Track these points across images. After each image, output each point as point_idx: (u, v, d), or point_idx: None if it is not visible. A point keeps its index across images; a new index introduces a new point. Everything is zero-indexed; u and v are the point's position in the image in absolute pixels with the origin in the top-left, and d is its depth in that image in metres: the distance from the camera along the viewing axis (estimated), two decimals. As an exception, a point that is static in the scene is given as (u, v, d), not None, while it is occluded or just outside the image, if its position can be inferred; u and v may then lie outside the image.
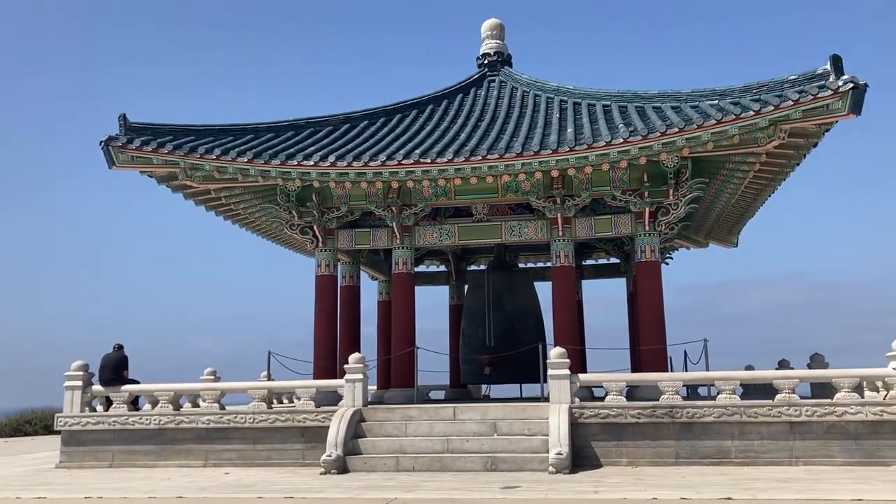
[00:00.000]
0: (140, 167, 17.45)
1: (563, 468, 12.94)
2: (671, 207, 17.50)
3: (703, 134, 15.43)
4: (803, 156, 16.90)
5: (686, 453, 13.87)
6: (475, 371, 21.21)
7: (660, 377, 14.66)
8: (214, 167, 17.16)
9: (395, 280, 19.04)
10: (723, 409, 13.84)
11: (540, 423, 14.19)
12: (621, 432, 14.13)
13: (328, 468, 13.57)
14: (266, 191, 19.24)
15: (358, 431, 14.63)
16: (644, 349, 17.52)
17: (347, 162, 16.80)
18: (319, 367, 18.75)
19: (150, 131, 17.56)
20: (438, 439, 14.15)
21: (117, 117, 17.33)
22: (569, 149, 15.92)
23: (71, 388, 16.04)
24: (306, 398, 15.26)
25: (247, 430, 15.24)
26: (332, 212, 19.01)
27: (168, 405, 15.76)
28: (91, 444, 15.84)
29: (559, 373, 14.58)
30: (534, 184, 17.93)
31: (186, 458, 15.39)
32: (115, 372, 16.22)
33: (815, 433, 13.60)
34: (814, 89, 14.81)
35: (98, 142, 17.09)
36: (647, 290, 17.79)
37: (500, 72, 22.94)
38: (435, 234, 18.99)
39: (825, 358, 18.68)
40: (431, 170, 16.62)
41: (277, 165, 16.98)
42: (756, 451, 13.68)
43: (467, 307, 22.21)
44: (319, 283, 19.22)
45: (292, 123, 19.55)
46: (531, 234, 18.54)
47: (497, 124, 19.13)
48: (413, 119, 20.59)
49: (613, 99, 19.18)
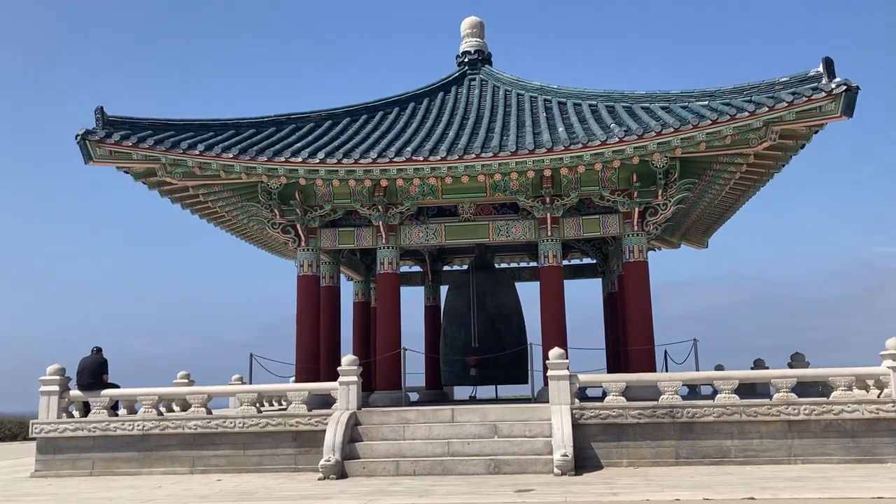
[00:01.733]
0: (118, 162, 16.77)
1: (568, 470, 12.79)
2: (660, 207, 17.52)
3: (698, 134, 15.47)
4: (789, 158, 17.07)
5: (686, 453, 13.85)
6: (458, 372, 20.99)
7: (659, 377, 14.63)
8: (197, 163, 16.59)
9: (381, 280, 18.68)
10: (722, 409, 13.86)
11: (541, 425, 14.02)
12: (622, 433, 14.04)
13: (327, 473, 13.18)
14: (247, 189, 18.68)
15: (354, 435, 14.26)
16: (633, 349, 17.51)
17: (337, 159, 16.41)
18: (301, 370, 18.31)
19: (128, 125, 16.88)
20: (438, 442, 13.87)
21: (94, 110, 16.64)
22: (564, 147, 15.79)
23: (46, 394, 15.29)
24: (298, 401, 14.82)
25: (236, 434, 14.74)
26: (314, 210, 18.59)
27: (152, 410, 15.17)
28: (69, 451, 15.13)
29: (559, 373, 14.42)
30: (522, 183, 17.78)
31: (171, 465, 14.81)
32: (94, 376, 15.52)
33: (812, 432, 13.71)
34: (807, 91, 14.96)
35: (74, 136, 16.39)
36: (635, 290, 17.79)
37: (480, 70, 22.76)
38: (421, 233, 18.70)
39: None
40: (423, 168, 16.33)
41: (264, 162, 16.50)
42: (755, 450, 13.73)
43: (449, 308, 21.97)
44: (301, 283, 18.76)
45: (274, 119, 19.05)
46: (519, 234, 18.39)
47: (483, 123, 18.92)
48: (396, 116, 20.27)
49: (600, 99, 19.14)
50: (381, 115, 20.32)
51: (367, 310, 24.04)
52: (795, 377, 14.11)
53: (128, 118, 17.05)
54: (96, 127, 16.49)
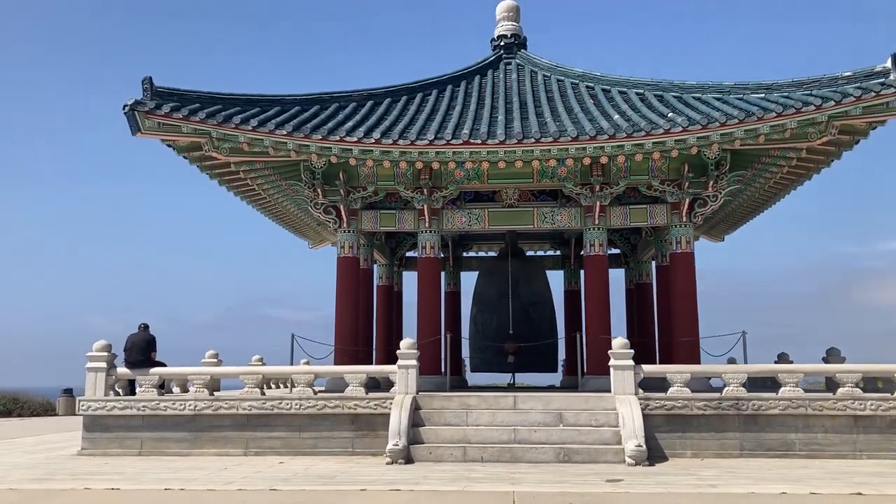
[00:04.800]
0: (165, 135, 16.28)
1: (642, 460, 12.71)
2: (709, 199, 17.48)
3: (762, 126, 15.42)
4: (840, 154, 17.10)
5: (750, 445, 13.83)
6: (489, 359, 20.83)
7: (725, 369, 14.59)
8: (248, 139, 16.18)
9: (422, 265, 18.43)
10: (788, 402, 13.85)
11: (607, 414, 13.91)
12: (687, 424, 13.97)
13: (395, 458, 12.94)
14: (288, 167, 18.29)
15: (416, 420, 14.03)
16: (677, 340, 17.48)
17: (392, 140, 16.11)
18: (340, 352, 18.02)
19: (175, 97, 16.39)
20: (504, 429, 13.70)
21: (141, 80, 16.11)
22: (627, 135, 15.63)
23: (94, 370, 14.82)
24: (356, 384, 14.54)
25: (292, 416, 14.41)
26: (357, 192, 18.27)
27: (203, 390, 14.78)
28: (116, 430, 14.69)
29: (623, 363, 14.32)
30: (571, 170, 17.62)
31: (224, 447, 14.45)
32: (143, 353, 15.09)
33: (878, 427, 13.77)
34: (876, 86, 14.99)
35: (122, 105, 15.85)
36: (681, 281, 17.74)
37: (516, 55, 22.51)
38: (464, 218, 18.46)
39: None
40: (481, 151, 16.07)
41: (318, 140, 16.14)
42: (820, 444, 13.75)
43: (479, 294, 21.79)
44: (341, 265, 18.45)
45: (317, 97, 18.64)
46: (564, 221, 18.24)
47: (529, 107, 18.69)
48: (436, 99, 19.97)
49: (647, 87, 19.02)
50: (421, 97, 20.02)
51: (390, 294, 23.80)
52: (861, 372, 14.12)
53: (175, 90, 16.54)
54: (144, 98, 15.98)
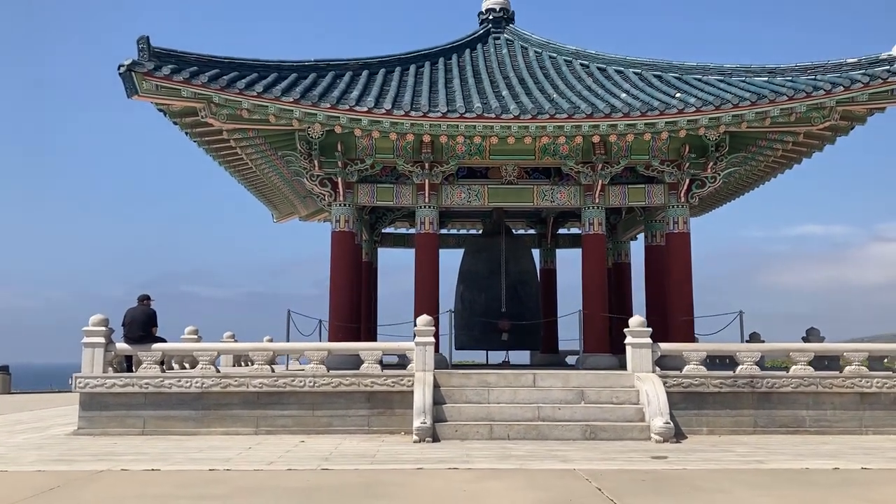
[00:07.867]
0: (163, 98, 15.41)
1: (669, 437, 12.81)
2: (707, 180, 17.68)
3: (773, 109, 15.62)
4: (835, 139, 17.52)
5: (763, 422, 14.11)
6: (477, 336, 20.64)
7: (739, 347, 14.81)
8: (252, 105, 15.48)
9: (420, 240, 18.11)
10: (800, 380, 14.17)
11: (627, 392, 13.96)
12: (702, 401, 14.14)
13: (422, 436, 12.68)
14: (282, 137, 17.61)
15: (437, 397, 13.78)
16: (674, 320, 17.67)
17: (405, 111, 15.68)
18: (336, 328, 17.57)
19: (174, 59, 15.53)
20: (528, 406, 13.59)
21: (136, 40, 15.20)
22: (641, 114, 15.61)
23: (91, 346, 14.02)
24: (371, 361, 14.19)
25: (305, 394, 13.96)
26: (355, 164, 17.77)
27: (210, 367, 14.18)
28: (116, 408, 13.96)
29: (641, 341, 14.38)
30: (573, 148, 17.55)
31: (233, 425, 13.91)
32: (144, 328, 14.36)
33: (882, 404, 14.23)
34: (883, 73, 15.35)
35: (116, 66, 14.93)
36: (677, 261, 17.94)
37: (504, 29, 22.26)
38: (463, 194, 18.20)
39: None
40: (494, 126, 15.82)
41: (327, 109, 15.59)
42: (829, 421, 14.13)
43: (465, 271, 21.55)
44: (336, 239, 17.96)
45: (313, 65, 18.00)
46: (563, 199, 18.20)
47: (529, 83, 18.46)
48: (431, 71, 19.54)
49: (644, 67, 19.06)
50: (415, 69, 19.58)
51: (368, 270, 23.38)
52: (867, 351, 14.55)
53: (172, 51, 15.66)
54: (141, 58, 15.08)
